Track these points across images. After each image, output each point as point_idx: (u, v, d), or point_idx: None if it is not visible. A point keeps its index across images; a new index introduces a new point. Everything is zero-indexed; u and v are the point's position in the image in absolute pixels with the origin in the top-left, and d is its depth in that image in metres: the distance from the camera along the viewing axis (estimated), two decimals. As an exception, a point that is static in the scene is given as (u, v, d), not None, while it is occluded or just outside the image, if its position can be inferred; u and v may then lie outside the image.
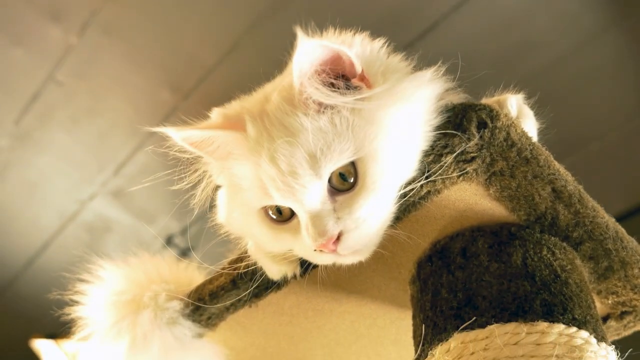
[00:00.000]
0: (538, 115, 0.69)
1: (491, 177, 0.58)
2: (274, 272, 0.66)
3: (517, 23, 1.78)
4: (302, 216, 0.57)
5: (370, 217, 0.56)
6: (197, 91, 1.99)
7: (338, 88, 0.56)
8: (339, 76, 0.56)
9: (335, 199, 0.56)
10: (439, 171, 0.57)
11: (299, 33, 0.52)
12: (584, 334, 0.55)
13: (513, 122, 0.57)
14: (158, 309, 0.75)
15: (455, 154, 0.56)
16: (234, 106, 0.63)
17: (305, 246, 0.58)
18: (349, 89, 0.56)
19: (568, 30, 1.80)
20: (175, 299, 0.77)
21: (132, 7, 1.81)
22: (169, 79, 2.00)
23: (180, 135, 0.60)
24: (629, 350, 0.56)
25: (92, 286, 0.79)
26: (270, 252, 0.66)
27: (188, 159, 0.63)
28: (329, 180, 0.56)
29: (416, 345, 0.62)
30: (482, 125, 0.55)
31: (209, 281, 0.75)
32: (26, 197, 2.40)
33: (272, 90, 0.60)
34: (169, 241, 2.58)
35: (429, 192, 0.59)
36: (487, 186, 0.59)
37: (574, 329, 0.55)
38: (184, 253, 2.65)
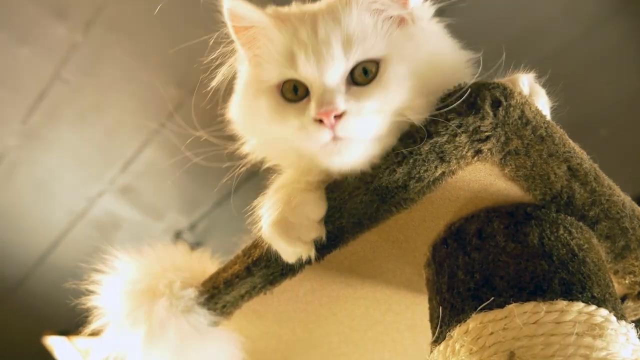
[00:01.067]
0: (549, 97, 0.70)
1: (506, 156, 0.57)
2: (289, 254, 0.65)
3: (522, 10, 1.77)
4: (316, 87, 0.61)
5: (373, 113, 0.59)
6: (202, 86, 1.99)
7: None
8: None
9: (350, 88, 0.61)
10: (454, 151, 0.57)
11: None
12: (604, 312, 0.54)
13: (527, 100, 0.56)
14: (173, 297, 0.75)
15: (469, 133, 0.55)
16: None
17: (307, 119, 0.60)
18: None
19: (574, 17, 1.79)
20: (190, 287, 0.77)
21: (135, 4, 1.81)
22: (175, 75, 2.00)
23: (232, 3, 0.66)
24: (650, 327, 0.56)
25: (107, 276, 0.80)
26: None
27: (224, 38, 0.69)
28: (351, 73, 0.61)
29: (433, 328, 0.61)
30: (496, 104, 0.55)
31: (223, 269, 0.75)
32: (35, 195, 2.41)
33: None
34: (178, 237, 2.59)
35: (443, 173, 0.59)
36: (502, 166, 0.58)
37: (594, 307, 0.54)
38: (192, 249, 2.66)
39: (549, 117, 0.62)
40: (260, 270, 0.70)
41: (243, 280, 0.72)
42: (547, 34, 1.82)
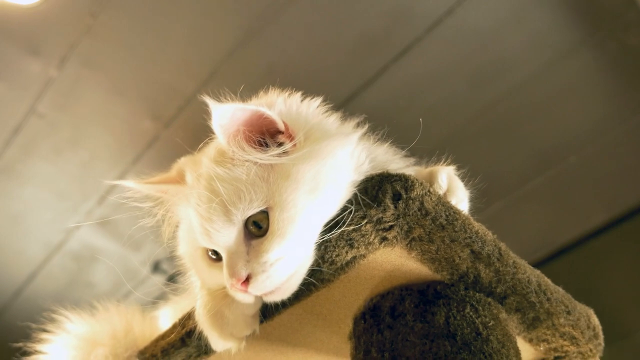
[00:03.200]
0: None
1: (411, 242, 0.61)
2: (219, 346, 0.67)
3: (488, 44, 1.82)
4: (223, 256, 0.62)
5: (280, 261, 0.60)
6: (177, 119, 2.02)
7: (265, 143, 0.62)
8: (265, 132, 0.63)
9: (250, 243, 0.61)
10: (361, 238, 0.60)
11: (210, 103, 0.59)
12: (501, 392, 0.57)
13: (428, 191, 0.60)
14: None
15: (373, 223, 0.59)
16: (194, 157, 0.70)
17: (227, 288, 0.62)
18: (275, 144, 0.63)
19: (539, 48, 1.83)
20: (131, 357, 0.79)
21: (110, 40, 1.84)
22: (150, 109, 2.03)
23: (138, 187, 0.69)
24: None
25: (55, 338, 0.83)
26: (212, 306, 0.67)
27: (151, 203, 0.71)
28: (248, 226, 0.61)
29: (350, 404, 0.64)
30: (397, 197, 0.58)
31: (162, 337, 0.78)
32: (11, 229, 2.42)
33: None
34: (156, 267, 2.60)
35: (354, 257, 0.62)
36: (409, 250, 0.62)
37: (492, 388, 0.57)
38: (172, 279, 2.67)
39: (466, 207, 0.66)
40: (193, 342, 0.73)
41: (178, 350, 0.74)
42: (513, 65, 1.87)
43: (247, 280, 0.59)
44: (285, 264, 0.60)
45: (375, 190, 0.59)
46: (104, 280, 2.71)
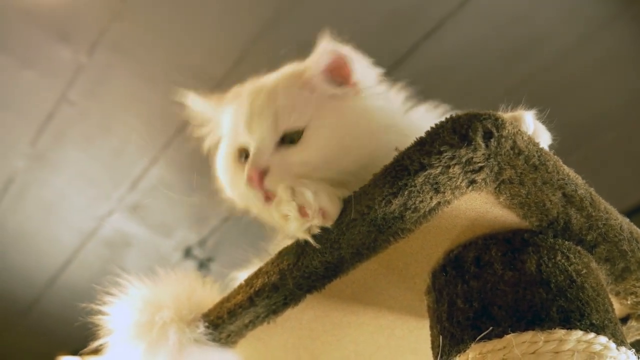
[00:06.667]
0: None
1: (500, 185, 0.58)
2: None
3: (522, 17, 1.78)
4: (251, 151, 0.72)
5: (294, 167, 0.69)
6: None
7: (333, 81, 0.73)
8: (337, 75, 0.73)
9: (279, 149, 0.71)
10: (448, 182, 0.57)
11: (324, 37, 0.72)
12: (603, 339, 0.54)
13: (519, 130, 0.57)
14: (179, 329, 0.76)
15: (462, 164, 0.56)
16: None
17: (243, 181, 0.70)
18: (338, 85, 0.73)
19: (574, 21, 1.79)
20: (195, 319, 0.77)
21: (138, 25, 1.83)
22: (179, 93, 2.01)
23: (196, 102, 0.82)
24: (647, 353, 0.56)
25: (118, 300, 0.81)
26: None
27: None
28: (284, 138, 0.71)
29: (435, 357, 0.62)
30: (488, 135, 0.55)
31: (227, 299, 0.76)
32: (45, 217, 2.43)
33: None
34: (188, 253, 2.60)
35: (438, 203, 0.59)
36: (497, 194, 0.59)
37: (592, 334, 0.54)
38: (203, 264, 2.67)
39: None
40: (262, 300, 0.71)
41: (246, 310, 0.72)
42: (547, 40, 1.82)
43: (263, 177, 0.68)
44: (299, 172, 0.68)
45: (465, 129, 0.55)
46: (136, 267, 2.73)
